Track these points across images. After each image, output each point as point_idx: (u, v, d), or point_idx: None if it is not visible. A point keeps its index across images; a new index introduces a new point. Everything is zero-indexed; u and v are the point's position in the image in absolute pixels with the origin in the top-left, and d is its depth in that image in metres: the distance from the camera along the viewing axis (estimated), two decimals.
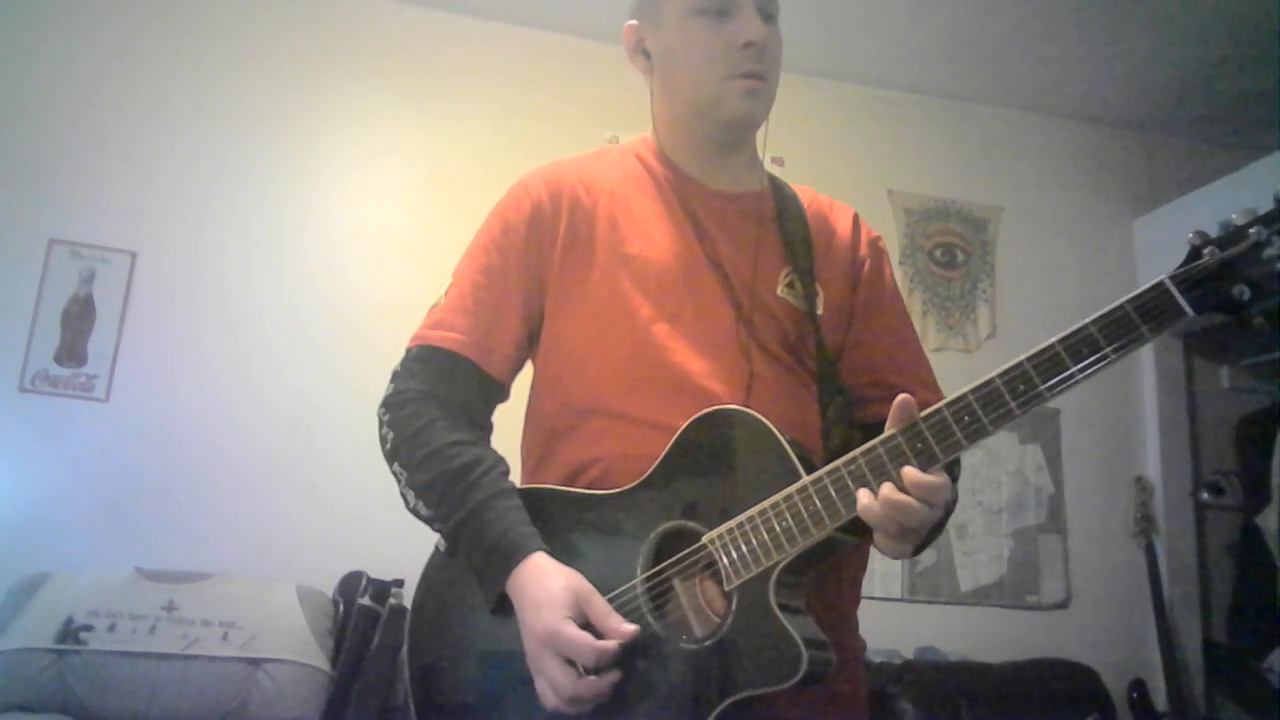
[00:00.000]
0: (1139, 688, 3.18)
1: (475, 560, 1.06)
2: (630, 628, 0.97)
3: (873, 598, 3.17)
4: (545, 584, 1.00)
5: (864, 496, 0.92)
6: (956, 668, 3.00)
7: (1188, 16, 3.13)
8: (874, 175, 3.60)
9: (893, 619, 3.15)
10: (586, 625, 0.97)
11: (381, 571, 2.68)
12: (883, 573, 3.22)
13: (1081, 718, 2.91)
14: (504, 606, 1.04)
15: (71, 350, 2.91)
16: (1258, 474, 3.45)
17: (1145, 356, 3.61)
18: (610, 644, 0.96)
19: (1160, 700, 3.17)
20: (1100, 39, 3.30)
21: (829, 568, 1.08)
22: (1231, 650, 3.37)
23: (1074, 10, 3.16)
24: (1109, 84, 3.57)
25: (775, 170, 1.32)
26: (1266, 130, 3.46)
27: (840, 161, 3.54)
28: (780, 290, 1.18)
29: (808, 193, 1.29)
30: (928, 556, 3.28)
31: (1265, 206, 0.84)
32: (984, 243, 3.66)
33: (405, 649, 1.13)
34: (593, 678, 0.95)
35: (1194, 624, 3.38)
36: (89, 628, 2.40)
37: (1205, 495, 3.44)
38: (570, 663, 0.96)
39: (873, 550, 1.00)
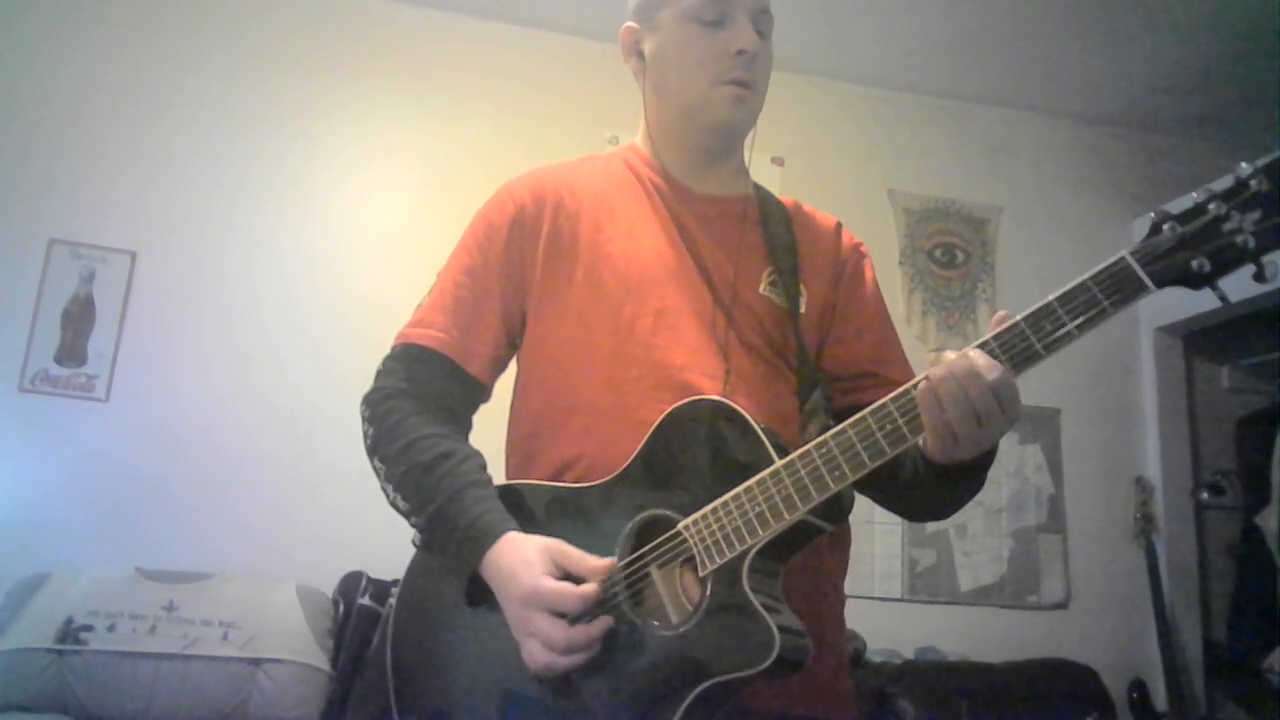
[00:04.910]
0: (1139, 688, 3.19)
1: (448, 550, 1.07)
2: (606, 563, 1.00)
3: (873, 598, 3.17)
4: (518, 552, 1.02)
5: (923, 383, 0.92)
6: (956, 668, 3.00)
7: (1188, 16, 3.13)
8: (874, 175, 3.60)
9: (893, 619, 3.15)
10: (566, 578, 0.99)
11: (381, 571, 2.69)
12: (883, 573, 3.22)
13: (1081, 718, 2.91)
14: (479, 595, 1.05)
15: (71, 350, 2.91)
16: (1258, 474, 3.45)
17: (1145, 356, 3.62)
18: (591, 587, 0.98)
19: (1160, 700, 3.17)
20: (1100, 39, 3.30)
21: (811, 565, 1.09)
22: (1231, 650, 3.37)
23: (1074, 10, 3.16)
24: (1109, 84, 3.57)
25: (775, 170, 1.34)
26: (1266, 130, 3.47)
27: (840, 161, 3.54)
28: (763, 289, 1.20)
29: (792, 202, 1.32)
30: (927, 556, 3.29)
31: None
32: (984, 243, 3.66)
33: (388, 644, 1.15)
34: (583, 625, 0.97)
35: (1194, 624, 3.38)
36: (89, 628, 2.40)
37: (1205, 495, 3.44)
38: (558, 615, 0.97)
39: (873, 553, 1.01)
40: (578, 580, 0.99)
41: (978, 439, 0.93)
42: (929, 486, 1.07)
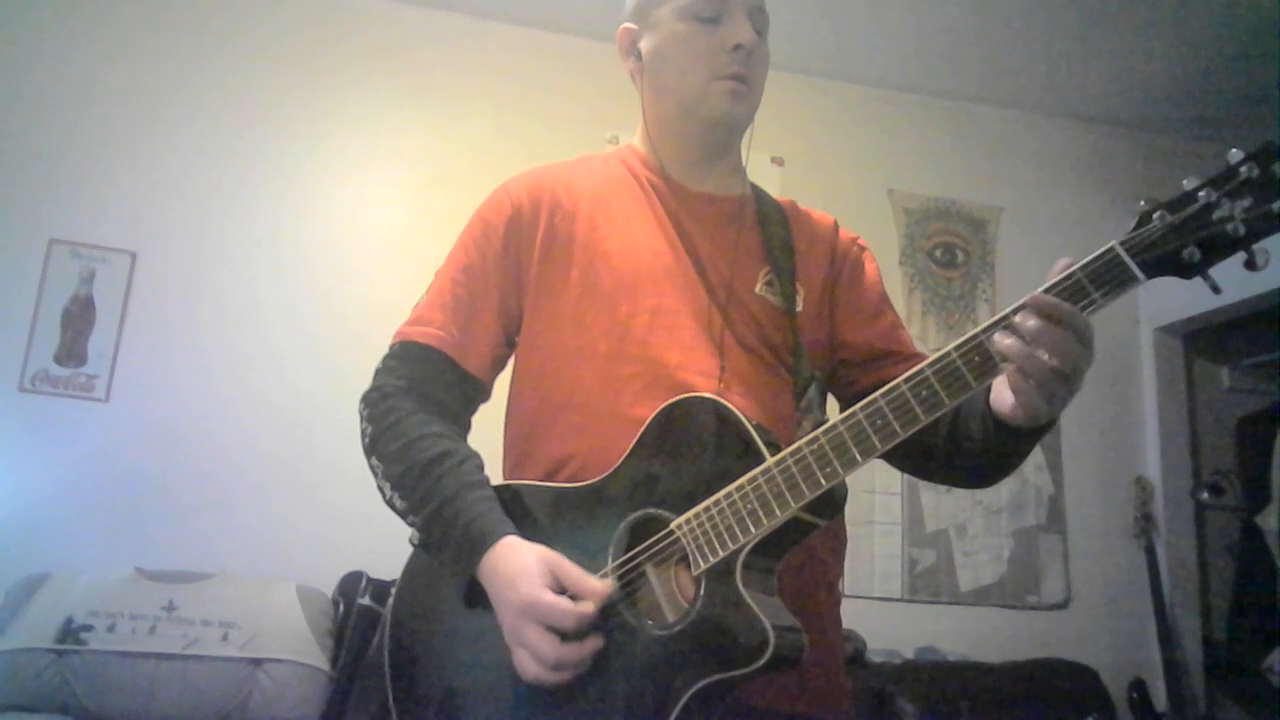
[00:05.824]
0: (1139, 688, 3.19)
1: (446, 551, 1.07)
2: (605, 585, 0.99)
3: (873, 597, 3.17)
4: (517, 559, 1.01)
5: (1002, 336, 0.89)
6: (956, 668, 3.00)
7: (1188, 16, 3.13)
8: (874, 175, 3.60)
9: (893, 619, 3.15)
10: (563, 593, 0.99)
11: (381, 571, 2.69)
12: (883, 573, 3.22)
13: (1081, 718, 2.91)
14: (477, 597, 1.05)
15: (71, 350, 2.91)
16: (1258, 474, 3.45)
17: (1145, 357, 3.62)
18: (588, 606, 0.97)
19: (1160, 700, 3.17)
20: (1100, 39, 3.30)
21: (806, 563, 1.10)
22: (1231, 650, 3.37)
23: (1074, 10, 3.16)
24: (1109, 84, 3.57)
25: (775, 170, 1.35)
26: (1266, 130, 3.46)
27: (840, 161, 3.54)
28: (759, 288, 1.21)
29: (789, 202, 1.33)
30: (927, 556, 3.29)
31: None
32: (984, 243, 3.66)
33: (385, 644, 1.14)
34: (575, 643, 0.96)
35: (1194, 624, 3.38)
36: (89, 628, 2.40)
37: (1205, 495, 3.44)
38: (551, 630, 0.97)
39: (873, 553, 1.01)
40: (574, 597, 0.98)
41: (1065, 393, 0.92)
42: (1001, 452, 1.06)
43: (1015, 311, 0.89)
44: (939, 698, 2.82)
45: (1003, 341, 0.89)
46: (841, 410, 1.17)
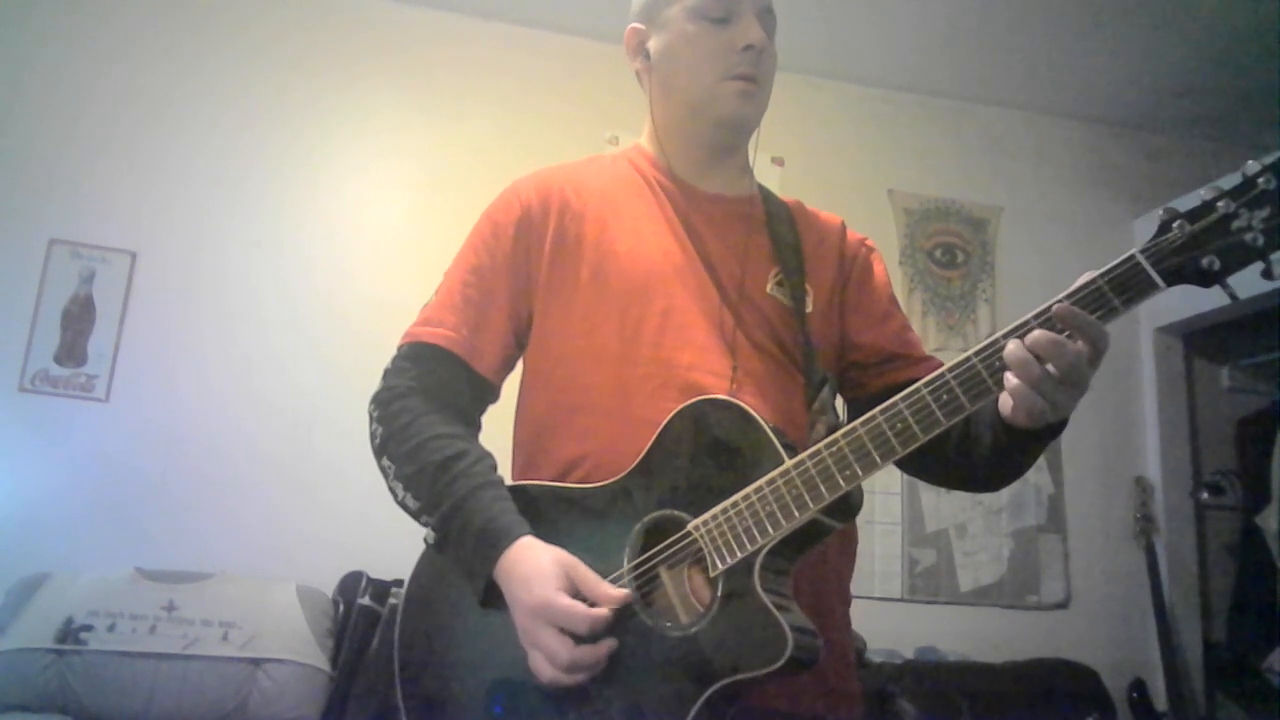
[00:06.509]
0: (1139, 688, 3.19)
1: (463, 551, 1.07)
2: (621, 593, 0.99)
3: (873, 598, 3.17)
4: (533, 560, 1.01)
5: (1012, 344, 0.90)
6: (956, 668, 3.00)
7: (1188, 16, 3.13)
8: (874, 175, 3.60)
9: (893, 619, 3.15)
10: (578, 597, 0.99)
11: (381, 571, 2.68)
12: (883, 573, 3.22)
13: (1081, 718, 2.91)
14: (492, 597, 1.04)
15: (71, 350, 2.91)
16: (1258, 474, 3.45)
17: (1145, 356, 3.62)
18: (603, 611, 0.97)
19: (1160, 700, 3.17)
20: (1100, 39, 3.30)
21: (818, 565, 1.09)
22: (1231, 650, 3.37)
23: (1074, 10, 3.16)
24: (1109, 84, 3.57)
25: (775, 170, 1.34)
26: (1266, 130, 3.47)
27: (840, 161, 3.54)
28: (770, 288, 1.20)
29: (795, 202, 1.33)
30: (927, 556, 3.29)
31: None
32: (984, 243, 3.66)
33: (395, 642, 1.14)
34: (589, 645, 0.96)
35: (1194, 624, 3.38)
36: (89, 628, 2.40)
37: (1205, 495, 3.44)
38: (565, 633, 0.97)
39: (873, 553, 1.01)
40: (590, 602, 0.98)
41: (1068, 396, 0.92)
42: (1009, 455, 1.06)
43: (1037, 318, 0.90)
44: (939, 698, 2.82)
45: (1011, 353, 0.90)
46: (849, 413, 1.17)
